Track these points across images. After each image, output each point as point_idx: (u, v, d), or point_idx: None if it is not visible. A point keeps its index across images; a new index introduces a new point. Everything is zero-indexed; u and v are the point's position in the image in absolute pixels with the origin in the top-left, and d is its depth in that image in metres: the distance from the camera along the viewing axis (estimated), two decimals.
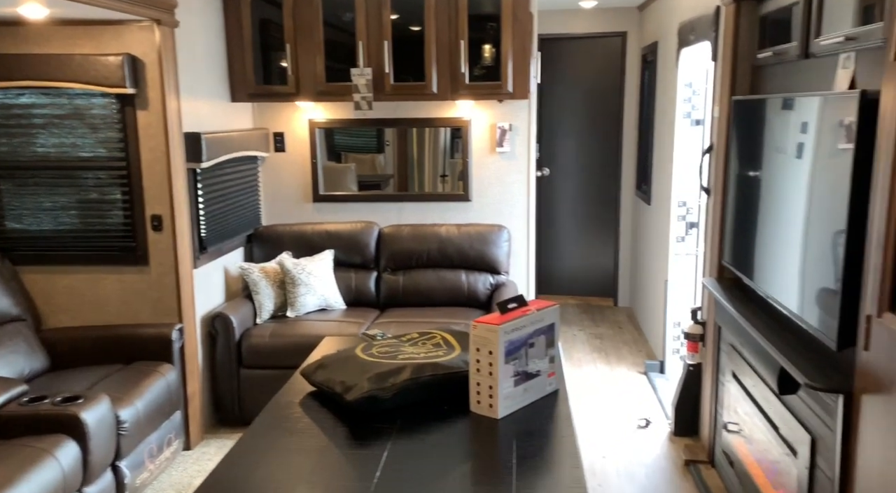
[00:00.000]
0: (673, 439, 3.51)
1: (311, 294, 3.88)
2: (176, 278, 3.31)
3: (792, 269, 2.25)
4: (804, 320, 2.13)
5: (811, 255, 2.10)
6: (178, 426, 3.21)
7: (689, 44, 3.81)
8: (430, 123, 4.32)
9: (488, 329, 1.55)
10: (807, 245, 2.14)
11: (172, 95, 3.18)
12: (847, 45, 2.06)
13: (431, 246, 4.15)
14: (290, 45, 3.89)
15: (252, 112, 4.26)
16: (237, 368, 3.67)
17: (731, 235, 2.90)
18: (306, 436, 1.51)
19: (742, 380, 2.77)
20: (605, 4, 5.35)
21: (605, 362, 4.65)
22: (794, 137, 2.30)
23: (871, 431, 1.75)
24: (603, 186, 5.88)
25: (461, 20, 3.83)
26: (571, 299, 6.12)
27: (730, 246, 2.92)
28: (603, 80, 5.73)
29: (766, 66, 2.78)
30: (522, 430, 1.53)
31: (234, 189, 3.97)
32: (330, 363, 1.70)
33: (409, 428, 1.52)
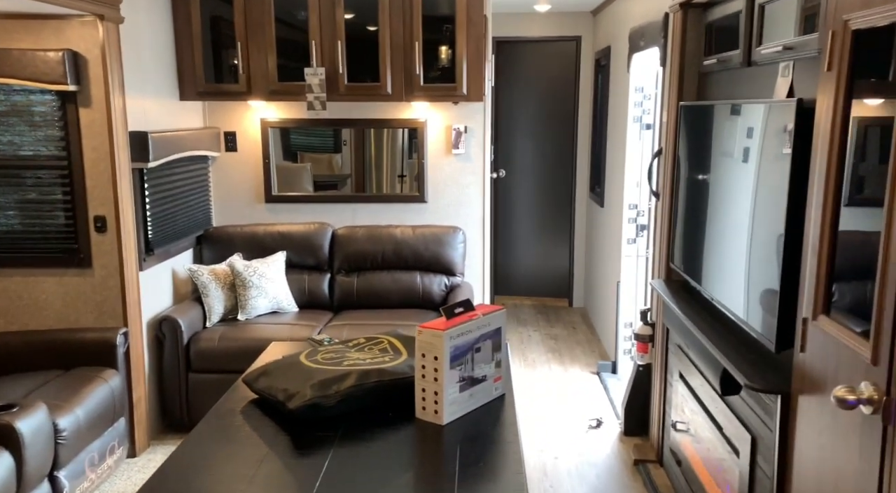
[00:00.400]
0: (623, 439, 3.57)
1: (262, 297, 3.82)
2: (121, 281, 3.22)
3: (735, 272, 2.31)
4: (746, 322, 2.18)
5: (753, 258, 2.16)
6: (122, 434, 3.11)
7: (639, 49, 3.87)
8: (386, 124, 4.29)
9: (433, 335, 1.54)
10: (749, 248, 2.20)
11: (117, 92, 3.09)
12: (785, 54, 2.12)
13: (386, 247, 4.13)
14: (242, 43, 3.82)
15: (203, 111, 4.17)
16: (185, 372, 3.59)
17: (678, 238, 2.96)
18: (246, 445, 1.47)
19: (688, 380, 2.82)
20: (560, 9, 5.41)
21: (559, 362, 4.69)
22: (737, 143, 2.35)
23: (806, 430, 1.80)
24: (558, 187, 5.94)
25: (416, 21, 3.82)
26: (527, 299, 6.16)
27: (677, 248, 2.97)
28: (558, 84, 5.79)
29: (712, 72, 2.84)
30: (467, 436, 1.52)
31: (184, 189, 3.88)
32: (273, 370, 1.66)
33: (352, 436, 1.50)
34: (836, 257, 1.68)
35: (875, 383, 1.45)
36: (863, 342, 1.50)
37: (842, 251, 1.67)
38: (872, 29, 1.55)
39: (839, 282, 1.69)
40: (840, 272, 1.68)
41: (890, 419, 1.41)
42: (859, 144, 1.63)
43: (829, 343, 1.66)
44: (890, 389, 1.41)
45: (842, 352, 1.60)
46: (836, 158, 1.68)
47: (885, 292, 1.42)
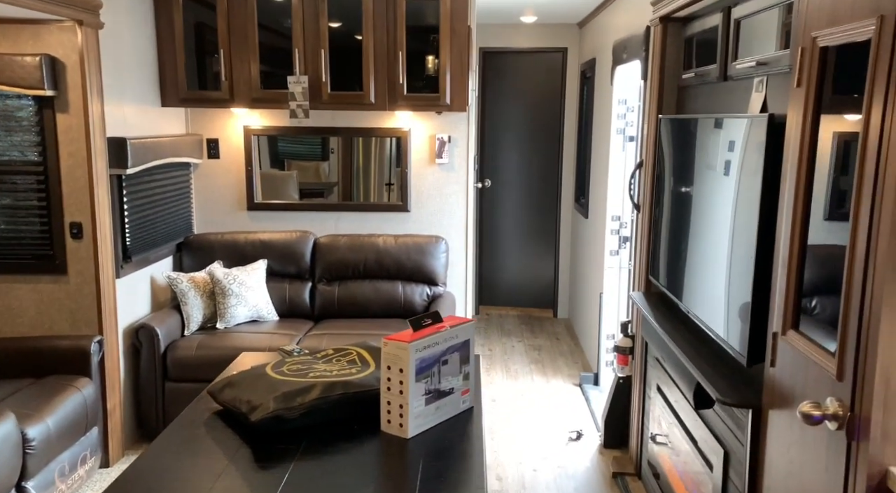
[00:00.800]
0: (603, 451, 3.55)
1: (242, 305, 3.79)
2: (96, 288, 3.18)
3: (710, 285, 2.31)
4: (719, 335, 2.18)
5: (727, 272, 2.16)
6: (94, 443, 3.07)
7: (622, 62, 3.89)
8: (369, 133, 4.29)
9: (399, 347, 1.52)
10: (722, 262, 2.20)
11: (95, 98, 3.07)
12: (759, 69, 2.13)
13: (368, 256, 4.11)
14: (224, 50, 3.81)
15: (185, 118, 4.15)
16: (162, 381, 3.55)
17: (657, 250, 2.96)
18: (207, 458, 1.45)
19: (666, 393, 2.82)
20: (547, 20, 5.43)
21: (541, 373, 4.68)
22: (711, 157, 2.36)
23: (776, 445, 1.80)
24: (544, 198, 5.95)
25: (400, 31, 3.82)
26: (512, 310, 6.15)
27: (655, 260, 2.98)
28: (544, 94, 5.81)
29: (691, 86, 2.85)
30: (432, 450, 1.51)
31: (164, 196, 3.85)
32: (238, 382, 1.64)
33: (314, 449, 1.48)
34: (806, 272, 1.68)
35: (840, 399, 1.44)
36: (829, 358, 1.50)
37: (812, 266, 1.67)
38: (839, 46, 1.56)
39: (809, 297, 1.69)
40: (810, 287, 1.68)
41: (854, 435, 1.40)
42: (827, 159, 1.64)
43: (798, 358, 1.66)
44: (854, 405, 1.41)
45: (809, 367, 1.60)
46: (805, 172, 1.69)
47: (850, 307, 1.42)
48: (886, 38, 1.34)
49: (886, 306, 1.33)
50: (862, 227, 1.39)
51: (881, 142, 1.34)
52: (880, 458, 1.35)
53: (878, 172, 1.35)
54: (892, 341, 1.33)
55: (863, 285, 1.38)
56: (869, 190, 1.38)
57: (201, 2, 3.84)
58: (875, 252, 1.35)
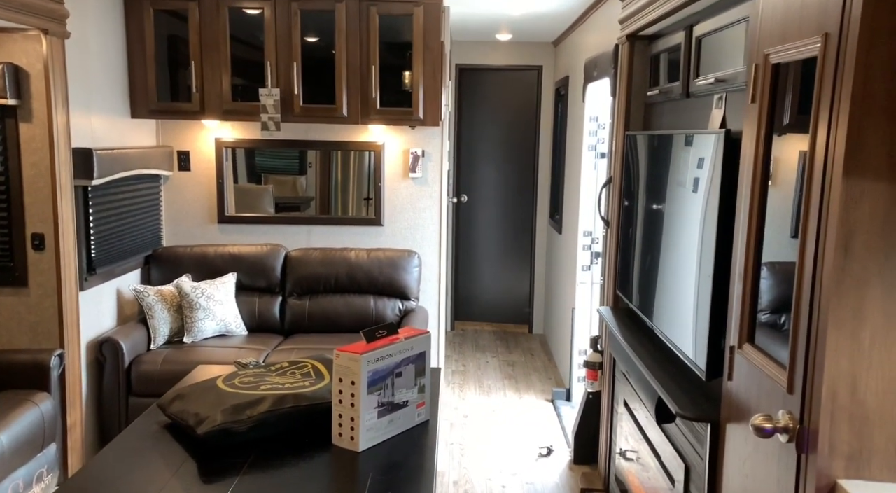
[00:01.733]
0: (573, 467, 3.53)
1: (209, 319, 3.74)
2: (58, 301, 3.12)
3: (674, 301, 2.32)
4: (681, 350, 2.18)
5: (689, 288, 2.17)
6: (52, 460, 2.99)
7: (593, 79, 3.93)
8: (342, 147, 4.28)
9: (350, 358, 1.51)
10: (684, 278, 2.21)
11: (61, 108, 3.03)
12: (719, 86, 2.16)
13: (340, 271, 4.08)
14: (196, 62, 3.79)
15: (156, 129, 4.12)
16: (126, 396, 3.49)
17: (623, 266, 2.98)
18: (150, 471, 1.42)
19: (631, 408, 2.81)
20: (522, 38, 5.49)
21: (514, 389, 4.66)
22: (672, 172, 2.38)
23: (733, 459, 1.79)
24: (519, 213, 5.97)
25: (372, 46, 3.84)
26: (488, 325, 6.14)
27: (623, 276, 2.99)
28: (520, 111, 5.85)
29: (657, 103, 2.88)
30: (383, 463, 1.48)
31: (132, 208, 3.81)
32: (188, 394, 1.61)
33: (262, 463, 1.45)
34: (767, 287, 1.69)
35: (790, 411, 1.45)
36: (781, 371, 1.51)
37: (768, 281, 1.68)
38: (790, 63, 1.58)
39: (769, 313, 1.69)
40: (771, 303, 1.69)
41: (803, 447, 1.41)
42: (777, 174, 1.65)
43: (753, 372, 1.66)
44: (803, 417, 1.41)
45: (763, 381, 1.60)
46: (759, 187, 1.70)
47: (799, 321, 1.43)
48: (831, 55, 1.36)
49: (833, 320, 1.34)
50: (809, 244, 1.41)
51: (826, 158, 1.36)
52: (828, 471, 1.36)
53: (824, 189, 1.36)
54: (839, 355, 1.34)
55: (811, 301, 1.39)
56: (815, 208, 1.39)
57: (173, 14, 3.83)
58: (822, 269, 1.36)
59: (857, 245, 1.32)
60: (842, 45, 1.32)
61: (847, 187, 1.31)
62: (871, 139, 1.30)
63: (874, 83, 1.28)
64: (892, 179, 1.30)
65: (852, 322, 1.33)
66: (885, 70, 1.28)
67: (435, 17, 3.83)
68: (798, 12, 1.51)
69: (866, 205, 1.31)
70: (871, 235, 1.32)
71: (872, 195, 1.31)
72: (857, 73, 1.28)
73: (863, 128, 1.30)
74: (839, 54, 1.33)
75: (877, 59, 1.28)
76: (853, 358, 1.33)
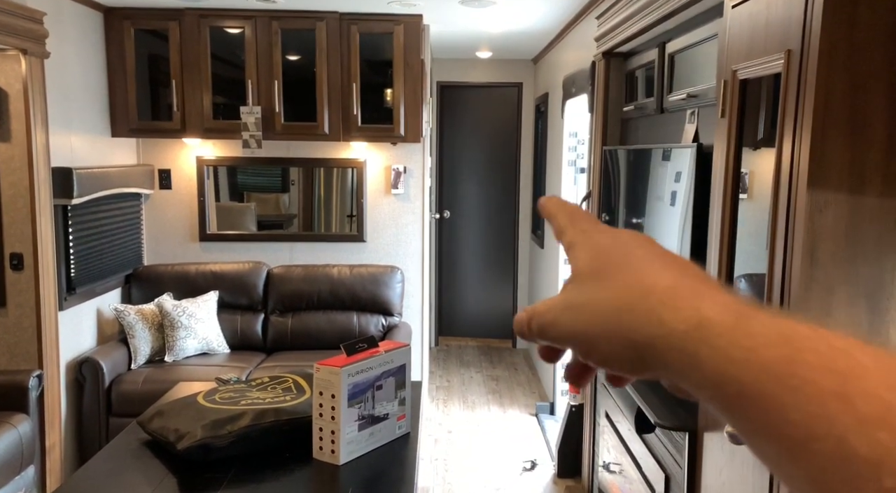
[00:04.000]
0: (557, 481, 3.54)
1: (191, 338, 3.72)
2: (37, 321, 3.10)
3: None
4: None
5: None
6: (30, 483, 2.95)
7: (572, 96, 4.00)
8: (324, 164, 4.30)
9: (330, 372, 1.52)
10: None
11: (40, 127, 3.03)
12: (691, 102, 2.22)
13: (322, 287, 4.08)
14: (177, 81, 3.80)
15: (137, 148, 4.12)
16: (106, 416, 3.45)
17: None
18: (130, 488, 1.41)
19: (613, 420, 2.84)
20: (502, 56, 5.56)
21: (498, 404, 4.67)
22: (651, 185, 2.43)
23: (710, 467, 1.82)
24: (502, 229, 6.01)
25: (353, 63, 3.88)
26: (472, 340, 6.15)
27: None
28: (501, 128, 5.92)
29: (632, 118, 2.94)
30: (363, 476, 1.49)
31: (112, 227, 3.80)
32: (167, 411, 1.61)
33: (242, 478, 1.45)
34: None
35: None
36: None
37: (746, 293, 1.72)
38: (756, 78, 1.63)
39: None
40: None
41: None
42: (747, 186, 1.70)
43: None
44: None
45: None
46: (731, 199, 1.75)
47: None
48: (794, 71, 1.41)
49: None
50: (778, 253, 1.45)
51: (792, 170, 1.41)
52: None
53: (791, 200, 1.41)
54: None
55: (780, 307, 1.43)
56: (783, 218, 1.43)
57: (154, 33, 3.85)
58: (790, 277, 1.40)
59: (823, 254, 1.36)
60: (803, 61, 1.37)
61: (812, 198, 1.35)
62: (833, 152, 1.34)
63: (835, 98, 1.33)
64: (853, 189, 1.35)
65: None
66: (845, 85, 1.33)
67: (415, 35, 3.88)
68: (763, 30, 1.57)
69: (830, 215, 1.36)
70: (836, 244, 1.36)
71: (836, 206, 1.36)
72: (818, 88, 1.33)
73: (825, 141, 1.34)
74: (801, 70, 1.38)
75: (837, 75, 1.33)
76: None
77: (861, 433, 0.25)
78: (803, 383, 0.26)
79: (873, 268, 1.34)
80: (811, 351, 0.27)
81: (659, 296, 0.32)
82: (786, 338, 0.28)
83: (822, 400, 0.26)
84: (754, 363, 0.28)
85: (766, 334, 0.28)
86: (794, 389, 0.26)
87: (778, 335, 0.28)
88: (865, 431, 0.25)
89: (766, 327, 0.28)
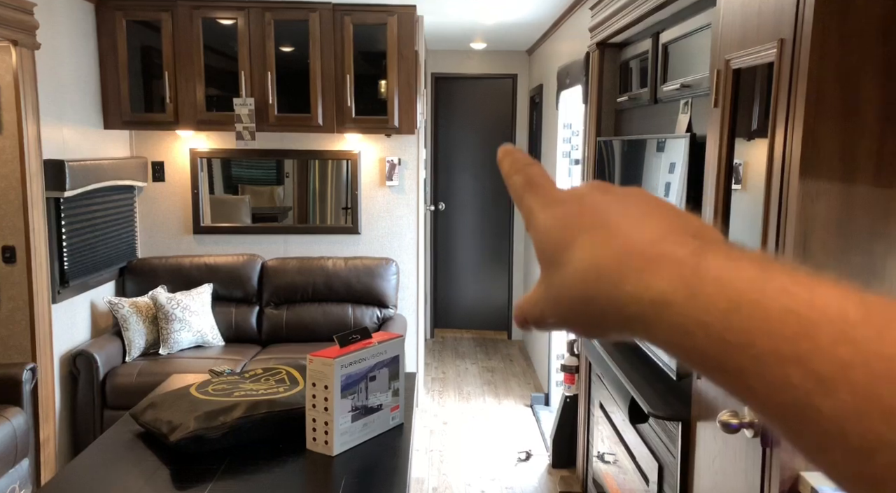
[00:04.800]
0: (551, 471, 3.55)
1: (185, 330, 3.72)
2: (30, 314, 3.09)
3: None
4: (654, 352, 2.22)
5: None
6: (24, 475, 2.95)
7: (566, 87, 3.99)
8: (318, 156, 4.29)
9: (323, 363, 1.52)
10: None
11: (31, 119, 3.01)
12: (684, 92, 2.21)
13: (317, 280, 4.08)
14: (169, 73, 3.78)
15: (129, 140, 4.09)
16: (101, 409, 3.44)
17: None
18: (122, 480, 1.41)
19: (607, 410, 2.85)
20: (496, 48, 5.54)
21: (493, 395, 4.68)
22: (646, 178, 2.43)
23: (703, 456, 1.83)
24: (497, 220, 6.01)
25: (347, 55, 3.86)
26: (467, 332, 6.16)
27: None
28: (496, 120, 5.90)
29: (626, 109, 2.94)
30: (357, 467, 1.49)
31: (106, 220, 3.78)
32: (160, 402, 1.61)
33: (235, 469, 1.45)
34: None
35: None
36: None
37: None
38: (749, 68, 1.63)
39: None
40: None
41: (767, 442, 1.44)
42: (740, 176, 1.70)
43: None
44: None
45: None
46: (723, 190, 1.75)
47: None
48: (786, 60, 1.41)
49: None
50: (770, 243, 1.45)
51: (784, 159, 1.41)
52: (792, 464, 1.39)
53: (783, 189, 1.41)
54: None
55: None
56: (775, 207, 1.43)
57: (146, 24, 3.82)
58: None
59: (815, 243, 1.36)
60: (796, 50, 1.37)
61: (804, 187, 1.35)
62: (825, 141, 1.34)
63: (827, 87, 1.33)
64: (845, 178, 1.35)
65: None
66: (837, 74, 1.33)
67: (409, 26, 3.86)
68: (756, 19, 1.56)
69: (822, 204, 1.36)
70: (827, 234, 1.36)
71: (828, 195, 1.36)
72: (810, 77, 1.33)
73: (817, 130, 1.34)
74: (794, 59, 1.38)
75: (829, 64, 1.32)
76: None
77: (823, 395, 0.25)
78: (762, 353, 0.26)
79: (864, 257, 1.35)
80: (763, 314, 0.27)
81: (609, 275, 0.32)
82: (738, 304, 0.27)
83: (782, 367, 0.26)
84: (714, 338, 0.27)
85: (719, 303, 0.28)
86: (754, 358, 0.26)
87: (730, 302, 0.27)
88: (826, 391, 0.25)
89: (721, 293, 0.28)
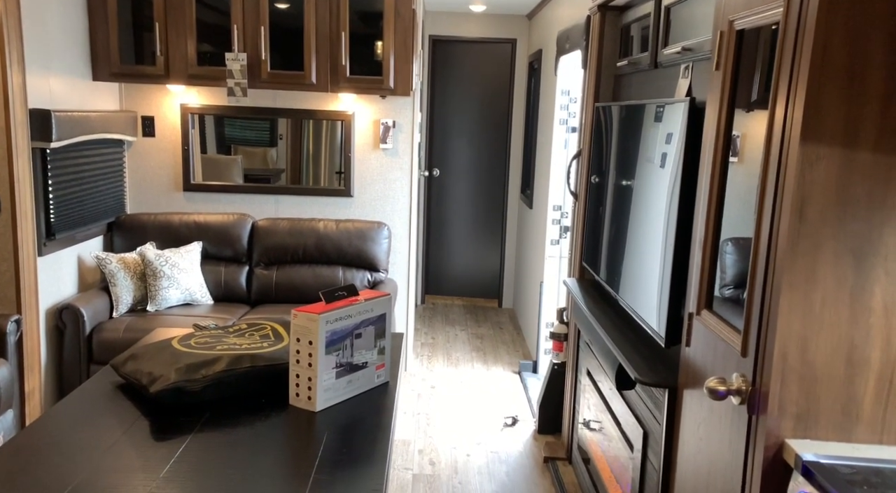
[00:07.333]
0: (537, 437, 3.58)
1: (174, 288, 3.69)
2: (15, 266, 3.05)
3: (637, 272, 2.33)
4: (643, 319, 2.20)
5: (651, 258, 2.18)
6: (9, 426, 2.94)
7: (565, 52, 3.91)
8: (311, 115, 4.21)
9: (308, 318, 1.49)
10: (646, 247, 2.22)
11: (16, 67, 2.93)
12: (686, 55, 2.16)
13: (308, 241, 4.04)
14: (160, 25, 3.68)
15: (119, 93, 4.01)
16: (87, 364, 3.43)
17: (589, 237, 2.99)
18: (99, 430, 1.39)
19: (594, 377, 2.85)
20: (496, 11, 5.43)
21: (482, 361, 4.69)
22: (638, 142, 2.38)
23: (689, 423, 1.83)
24: (492, 188, 5.96)
25: (343, 12, 3.76)
26: (458, 299, 6.16)
27: (589, 247, 3.00)
28: (494, 85, 5.82)
29: (625, 74, 2.88)
30: (340, 423, 1.48)
31: (94, 174, 3.72)
32: (141, 354, 1.58)
33: (216, 422, 1.43)
34: (726, 262, 1.70)
35: (743, 374, 1.47)
36: (736, 335, 1.53)
37: (732, 256, 1.69)
38: (753, 28, 1.58)
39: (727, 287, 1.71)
40: (729, 277, 1.70)
41: (754, 408, 1.43)
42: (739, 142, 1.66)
43: (710, 337, 1.69)
44: (755, 379, 1.43)
45: (719, 345, 1.63)
46: (721, 156, 1.71)
47: (755, 287, 1.45)
48: (792, 20, 1.36)
49: (786, 283, 1.35)
50: (766, 209, 1.42)
51: (785, 122, 1.37)
52: (777, 431, 1.38)
53: (782, 154, 1.37)
54: (791, 317, 1.36)
55: (766, 264, 1.41)
56: (773, 172, 1.40)
57: None
58: (777, 234, 1.38)
59: (812, 211, 1.33)
60: (803, 9, 1.32)
61: (804, 152, 1.32)
62: (829, 104, 1.30)
63: (833, 48, 1.29)
64: (846, 144, 1.31)
65: (805, 285, 1.35)
66: (844, 35, 1.28)
67: None
68: None
69: (822, 170, 1.33)
70: (825, 202, 1.33)
71: (828, 160, 1.32)
72: (816, 37, 1.29)
73: (821, 93, 1.30)
74: (800, 19, 1.33)
75: (836, 24, 1.28)
76: (804, 320, 1.35)
77: None
78: None
79: (862, 224, 1.32)
80: None
81: None
82: None
83: None
84: None
85: None
86: None
87: None
88: None
89: None
